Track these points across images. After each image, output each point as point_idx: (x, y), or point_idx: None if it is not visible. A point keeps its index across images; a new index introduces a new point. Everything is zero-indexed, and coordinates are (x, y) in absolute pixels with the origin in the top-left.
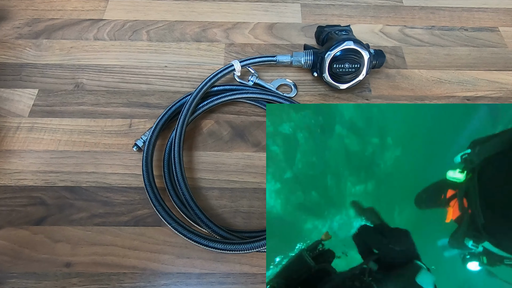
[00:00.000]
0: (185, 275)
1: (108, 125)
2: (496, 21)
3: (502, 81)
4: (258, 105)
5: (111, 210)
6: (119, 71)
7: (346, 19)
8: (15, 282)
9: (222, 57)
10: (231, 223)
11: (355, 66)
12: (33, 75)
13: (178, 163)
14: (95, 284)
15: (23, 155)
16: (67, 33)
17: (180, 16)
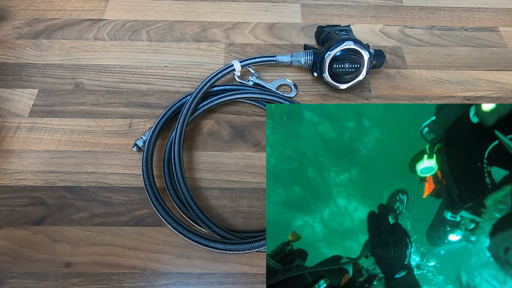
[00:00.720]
0: (185, 275)
1: (108, 125)
2: (496, 21)
3: (502, 81)
4: (258, 105)
5: (111, 210)
6: (119, 71)
7: (346, 19)
8: (15, 282)
9: (222, 57)
10: (231, 223)
11: (355, 66)
12: (33, 75)
13: (178, 163)
14: (95, 284)
15: (23, 155)
16: (67, 33)
17: (180, 16)
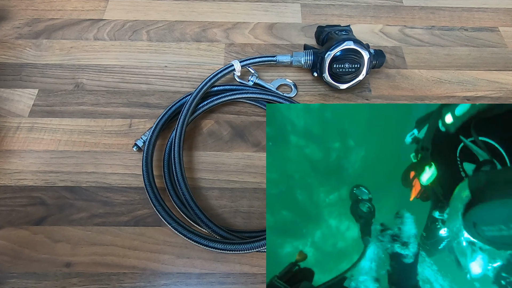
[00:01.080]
0: (185, 275)
1: (108, 125)
2: (496, 21)
3: (502, 81)
4: (258, 105)
5: (111, 210)
6: (119, 71)
7: (346, 19)
8: (15, 282)
9: (222, 57)
10: (231, 223)
11: (355, 66)
12: (33, 75)
13: (178, 163)
14: (95, 284)
15: (23, 155)
16: (67, 33)
17: (180, 16)
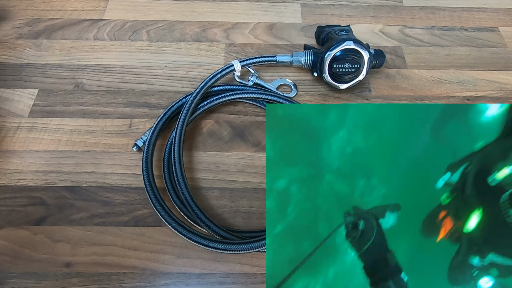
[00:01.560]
0: (185, 275)
1: (108, 125)
2: (496, 21)
3: (502, 81)
4: (258, 105)
5: (111, 210)
6: (119, 71)
7: (346, 19)
8: (15, 282)
9: (222, 57)
10: (231, 223)
11: (355, 66)
12: (33, 75)
13: (178, 163)
14: (95, 284)
15: (23, 155)
16: (67, 33)
17: (180, 16)
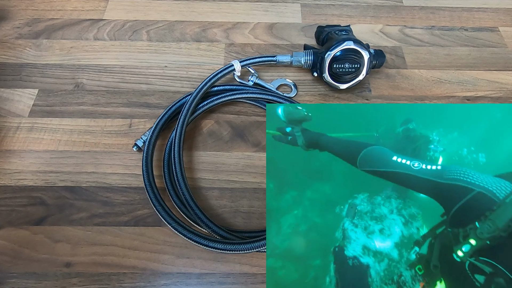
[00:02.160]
0: (185, 275)
1: (108, 125)
2: (496, 21)
3: (502, 81)
4: (258, 105)
5: (111, 210)
6: (119, 71)
7: (346, 19)
8: (15, 282)
9: (222, 57)
10: (231, 223)
11: (355, 66)
12: (33, 75)
13: (178, 163)
14: (95, 284)
15: (23, 155)
16: (67, 33)
17: (180, 16)
